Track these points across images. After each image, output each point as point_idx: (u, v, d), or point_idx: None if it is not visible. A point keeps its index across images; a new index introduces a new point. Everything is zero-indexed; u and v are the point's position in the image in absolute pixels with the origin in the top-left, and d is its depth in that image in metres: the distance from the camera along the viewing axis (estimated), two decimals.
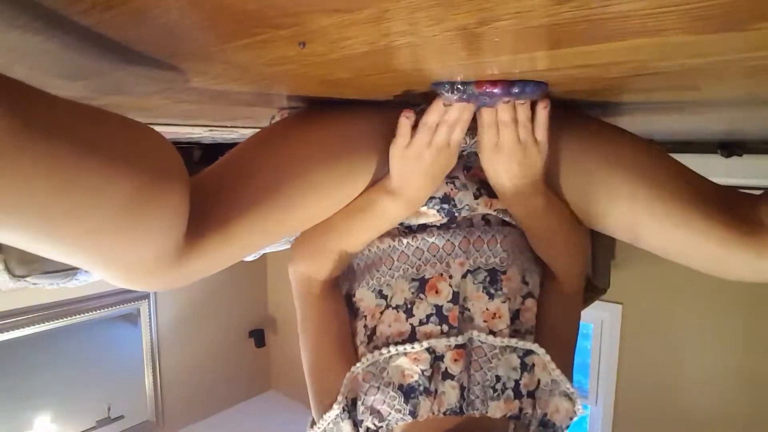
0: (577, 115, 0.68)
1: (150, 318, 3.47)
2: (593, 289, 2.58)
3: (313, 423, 0.68)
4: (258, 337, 4.20)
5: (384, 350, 0.63)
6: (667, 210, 0.58)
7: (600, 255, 2.56)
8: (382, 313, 0.66)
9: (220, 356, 3.96)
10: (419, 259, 0.66)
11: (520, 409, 0.63)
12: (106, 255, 0.39)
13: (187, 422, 3.74)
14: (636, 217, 0.60)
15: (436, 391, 0.61)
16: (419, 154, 0.57)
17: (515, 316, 0.65)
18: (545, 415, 0.64)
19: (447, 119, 0.56)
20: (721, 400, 2.47)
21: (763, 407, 2.36)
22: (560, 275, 0.71)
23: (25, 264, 1.57)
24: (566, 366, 0.67)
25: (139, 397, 3.48)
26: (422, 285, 0.65)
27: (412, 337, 0.63)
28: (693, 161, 0.65)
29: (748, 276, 0.58)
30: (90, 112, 0.35)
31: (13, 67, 0.47)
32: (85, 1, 0.30)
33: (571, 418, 0.64)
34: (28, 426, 2.96)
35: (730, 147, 1.41)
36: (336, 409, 0.63)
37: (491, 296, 0.64)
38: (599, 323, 2.84)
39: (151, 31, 0.35)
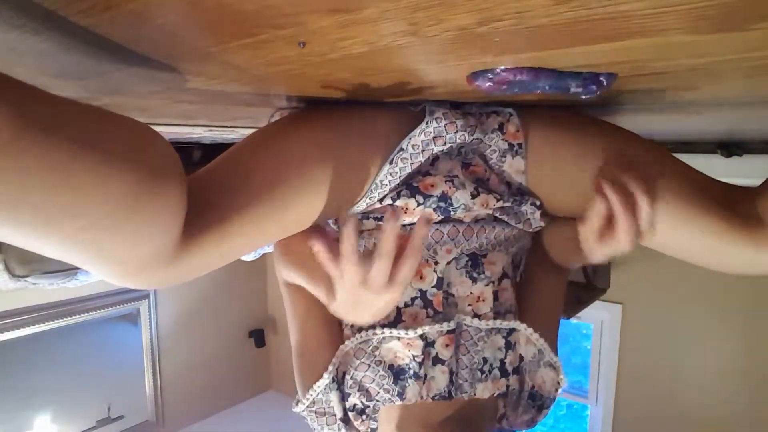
0: (578, 114, 0.68)
1: (150, 318, 3.47)
2: (593, 289, 2.59)
3: (298, 403, 0.70)
4: (258, 337, 4.21)
5: (378, 330, 0.64)
6: (668, 206, 0.59)
7: None
8: None
9: (220, 356, 3.97)
10: None
11: (507, 387, 0.65)
12: (101, 252, 0.39)
13: (187, 422, 3.74)
14: None
15: (425, 376, 0.62)
16: (353, 295, 0.52)
17: (494, 297, 0.67)
18: (533, 387, 0.67)
19: (380, 253, 0.49)
20: (721, 399, 2.47)
21: (763, 407, 2.36)
22: (565, 265, 0.73)
23: (25, 264, 1.57)
24: (551, 341, 0.69)
25: (139, 397, 3.48)
26: None
27: (397, 319, 0.65)
28: (693, 161, 0.65)
29: (746, 269, 0.59)
30: (88, 111, 0.35)
31: (14, 68, 0.47)
32: (84, 1, 0.29)
33: (556, 389, 0.67)
34: (28, 426, 2.96)
35: (730, 147, 1.42)
36: (326, 378, 0.65)
37: (474, 280, 0.65)
38: (599, 323, 2.84)
39: (151, 31, 0.35)
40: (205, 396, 3.86)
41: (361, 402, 0.64)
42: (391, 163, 0.61)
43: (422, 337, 0.63)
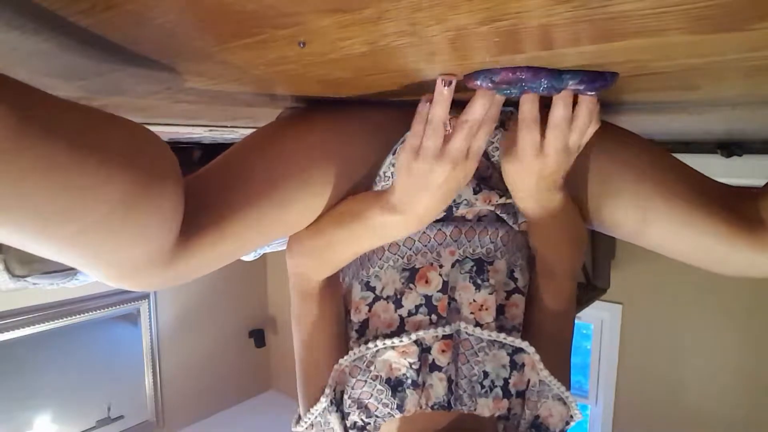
0: None
1: (150, 318, 3.48)
2: (593, 289, 2.59)
3: (299, 420, 0.68)
4: (258, 337, 4.21)
5: (371, 344, 0.62)
6: (671, 208, 0.58)
7: (600, 255, 2.57)
8: (369, 305, 0.65)
9: (220, 356, 3.97)
10: (410, 249, 0.65)
11: (509, 410, 0.62)
12: (98, 254, 0.39)
13: (187, 422, 3.74)
14: (639, 215, 0.60)
15: (423, 383, 0.61)
16: (429, 169, 0.49)
17: (500, 311, 0.64)
18: (537, 417, 0.63)
19: (466, 119, 0.47)
20: (720, 399, 2.47)
21: (763, 407, 2.36)
22: (557, 272, 0.69)
23: (25, 264, 1.57)
24: (561, 368, 0.66)
25: (139, 397, 3.48)
26: (412, 275, 0.64)
27: (400, 329, 0.63)
28: (693, 161, 0.65)
29: (746, 271, 0.58)
30: (86, 112, 0.35)
31: (13, 68, 0.47)
32: (84, 1, 0.29)
33: (567, 423, 0.63)
34: (28, 426, 2.96)
35: (729, 147, 1.42)
36: (324, 402, 0.63)
37: (478, 287, 0.63)
38: (599, 323, 2.84)
39: (150, 32, 0.35)
40: (205, 396, 3.86)
41: (361, 419, 0.62)
42: (394, 153, 0.61)
43: (417, 343, 0.62)
